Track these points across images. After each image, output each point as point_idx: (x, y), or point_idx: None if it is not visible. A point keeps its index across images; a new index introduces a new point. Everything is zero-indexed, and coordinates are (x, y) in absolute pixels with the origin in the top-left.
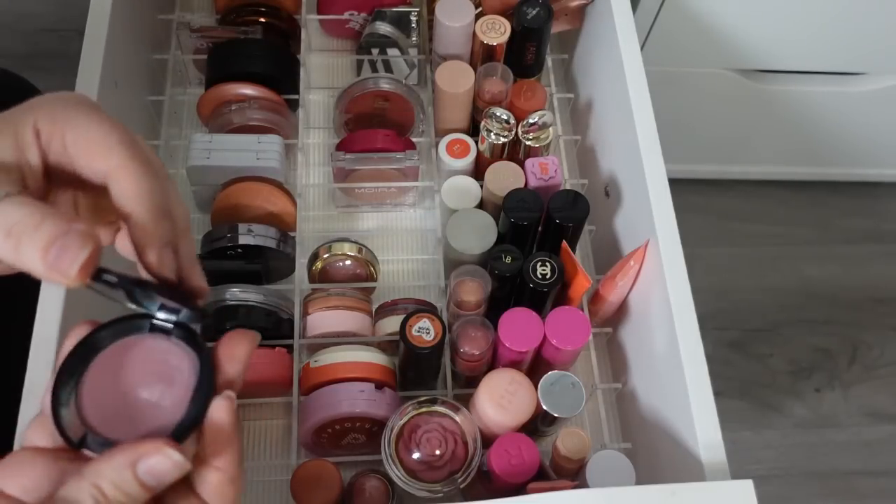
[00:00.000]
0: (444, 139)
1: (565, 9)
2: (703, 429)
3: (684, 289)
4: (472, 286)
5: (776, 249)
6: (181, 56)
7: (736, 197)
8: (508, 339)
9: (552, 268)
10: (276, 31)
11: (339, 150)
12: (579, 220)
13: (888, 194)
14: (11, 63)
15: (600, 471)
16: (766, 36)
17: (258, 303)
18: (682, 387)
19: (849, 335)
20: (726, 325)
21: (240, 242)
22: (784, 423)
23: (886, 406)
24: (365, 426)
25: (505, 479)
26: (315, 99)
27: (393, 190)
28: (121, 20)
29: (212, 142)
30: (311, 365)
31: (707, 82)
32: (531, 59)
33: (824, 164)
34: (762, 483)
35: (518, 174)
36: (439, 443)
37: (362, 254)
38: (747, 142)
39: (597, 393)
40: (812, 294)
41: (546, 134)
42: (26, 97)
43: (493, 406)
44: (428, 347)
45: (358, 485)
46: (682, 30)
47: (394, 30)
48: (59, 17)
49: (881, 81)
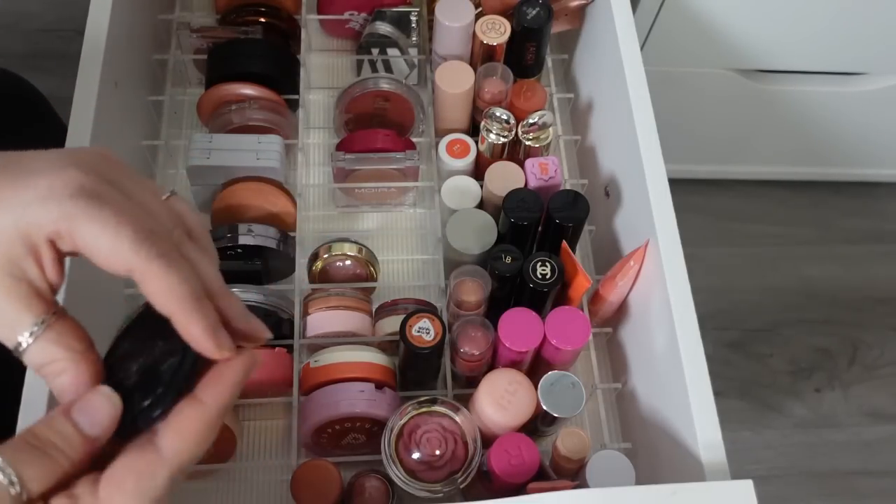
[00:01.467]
0: (444, 139)
1: (565, 9)
2: (703, 429)
3: (684, 289)
4: (472, 286)
5: (776, 249)
6: (181, 56)
7: (736, 197)
8: (508, 339)
9: (552, 268)
10: (276, 31)
11: (339, 150)
12: (579, 220)
13: (888, 194)
14: (11, 63)
15: (600, 471)
16: (766, 36)
17: (258, 303)
18: (682, 387)
19: (849, 335)
20: (726, 325)
21: (240, 242)
22: (784, 423)
23: (886, 406)
24: (365, 426)
25: (505, 479)
26: (315, 99)
27: (393, 190)
28: (121, 20)
29: (212, 142)
30: (311, 365)
31: (707, 82)
32: (531, 59)
33: (824, 164)
34: (762, 483)
35: (518, 174)
36: (439, 443)
37: (362, 254)
38: (747, 142)
39: (597, 393)
40: (812, 294)
41: (546, 134)
42: (26, 97)
43: (493, 406)
44: (428, 347)
45: (358, 485)
46: (682, 30)
47: (394, 30)
48: (59, 17)
49: (881, 81)
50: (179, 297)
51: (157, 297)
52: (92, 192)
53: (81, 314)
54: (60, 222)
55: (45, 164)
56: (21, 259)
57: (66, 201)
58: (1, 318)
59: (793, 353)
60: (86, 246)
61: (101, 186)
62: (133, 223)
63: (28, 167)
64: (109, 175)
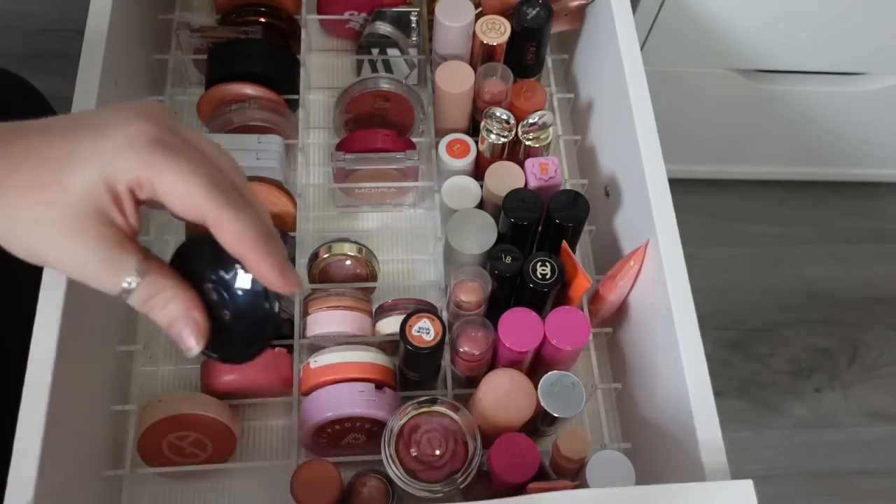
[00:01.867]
0: (444, 139)
1: (565, 9)
2: (703, 429)
3: (684, 289)
4: (472, 286)
5: (776, 249)
6: (181, 56)
7: (736, 197)
8: (508, 339)
9: (552, 268)
10: (276, 31)
11: (339, 150)
12: (579, 220)
13: (888, 194)
14: (11, 63)
15: (600, 471)
16: (766, 36)
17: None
18: (682, 387)
19: (849, 335)
20: (726, 325)
21: None
22: (784, 423)
23: (886, 406)
24: (365, 426)
25: (505, 479)
26: (315, 99)
27: (393, 190)
28: (121, 20)
29: None
30: (311, 365)
31: (707, 82)
32: (531, 59)
33: (824, 164)
34: (762, 483)
35: (518, 174)
36: (439, 443)
37: (362, 254)
38: (747, 142)
39: (597, 393)
40: (812, 294)
41: (546, 134)
42: (26, 97)
43: (493, 406)
44: (428, 347)
45: (358, 485)
46: (682, 30)
47: (394, 30)
48: (59, 17)
49: (881, 81)
50: (251, 241)
51: (231, 242)
52: (165, 142)
53: (82, 312)
54: (141, 170)
55: (114, 117)
56: (109, 207)
57: (144, 150)
58: (103, 266)
59: (793, 353)
60: (164, 193)
61: (170, 137)
62: (204, 173)
63: (99, 122)
64: (173, 126)
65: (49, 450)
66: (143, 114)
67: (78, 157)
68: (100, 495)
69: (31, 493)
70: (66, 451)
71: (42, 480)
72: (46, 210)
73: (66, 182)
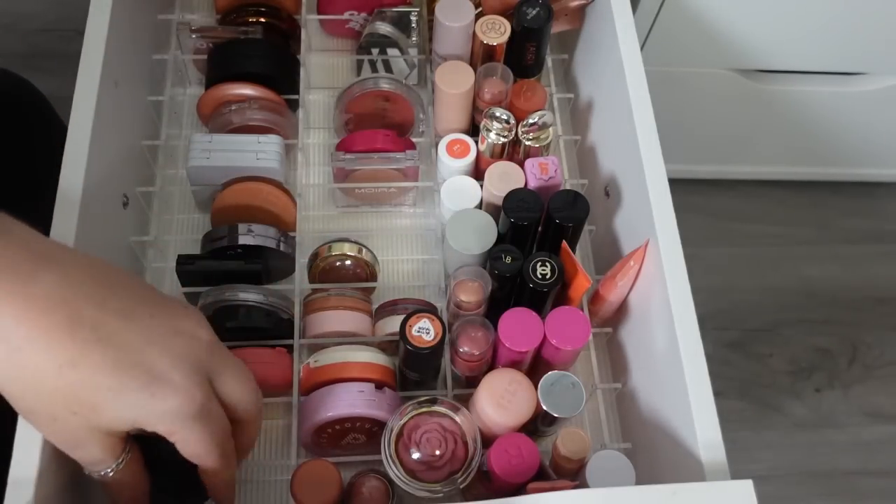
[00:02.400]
0: (444, 139)
1: (565, 9)
2: (703, 429)
3: (684, 289)
4: (472, 286)
5: (776, 249)
6: (181, 56)
7: (736, 197)
8: (508, 339)
9: (552, 268)
10: (276, 31)
11: (339, 150)
12: (579, 220)
13: (888, 194)
14: (11, 63)
15: (600, 471)
16: (766, 36)
17: (258, 303)
18: (682, 387)
19: (849, 335)
20: (726, 325)
21: (240, 242)
22: (784, 423)
23: (886, 406)
24: (365, 426)
25: (505, 479)
26: (315, 99)
27: (393, 190)
28: (121, 20)
29: (212, 142)
30: (311, 365)
31: (707, 82)
32: (531, 60)
33: (824, 164)
34: (762, 483)
35: (518, 174)
36: (439, 443)
37: (362, 254)
38: (747, 142)
39: (597, 393)
40: (812, 294)
41: (546, 134)
42: (26, 97)
43: (493, 406)
44: (428, 347)
45: (358, 485)
46: (682, 30)
47: (394, 30)
48: (59, 17)
49: (881, 81)
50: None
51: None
52: (203, 413)
53: None
54: (169, 431)
55: (178, 374)
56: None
57: (181, 422)
58: (89, 458)
59: (793, 353)
60: (175, 443)
61: (210, 403)
62: (215, 442)
63: (164, 376)
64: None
65: (49, 450)
66: (198, 367)
67: (124, 399)
68: (100, 495)
69: (31, 493)
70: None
71: (42, 480)
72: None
73: (102, 409)
